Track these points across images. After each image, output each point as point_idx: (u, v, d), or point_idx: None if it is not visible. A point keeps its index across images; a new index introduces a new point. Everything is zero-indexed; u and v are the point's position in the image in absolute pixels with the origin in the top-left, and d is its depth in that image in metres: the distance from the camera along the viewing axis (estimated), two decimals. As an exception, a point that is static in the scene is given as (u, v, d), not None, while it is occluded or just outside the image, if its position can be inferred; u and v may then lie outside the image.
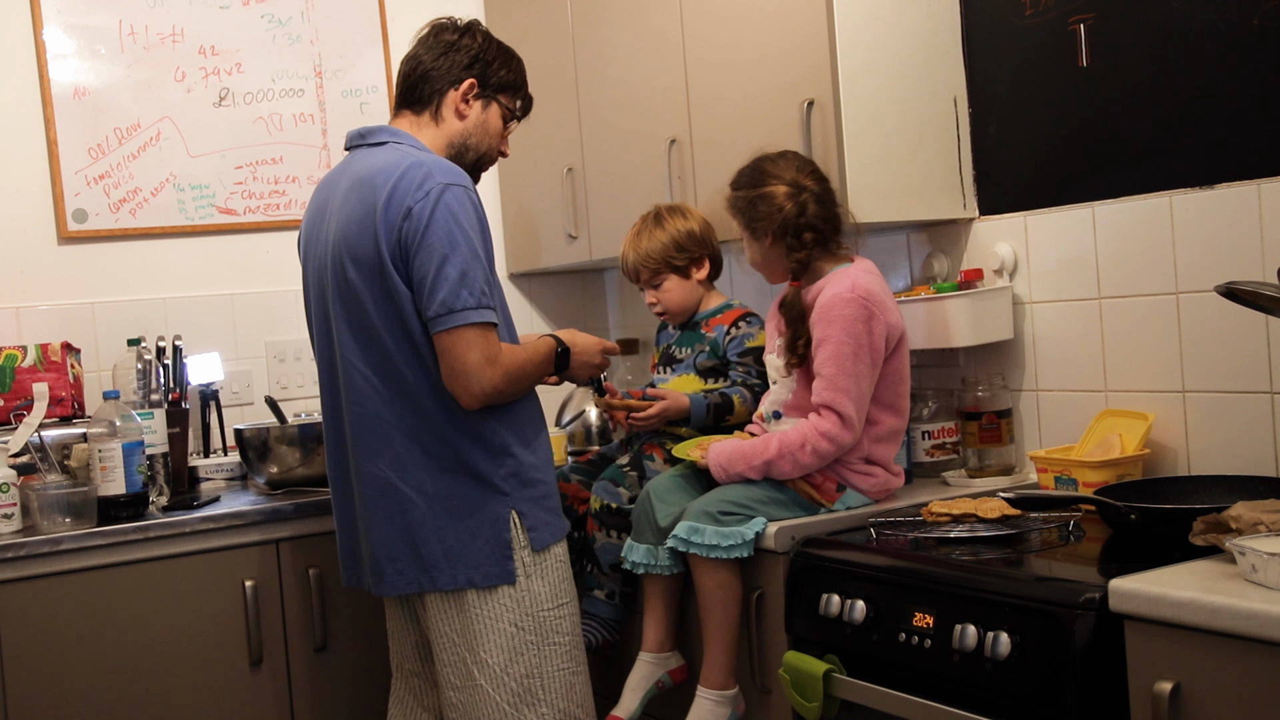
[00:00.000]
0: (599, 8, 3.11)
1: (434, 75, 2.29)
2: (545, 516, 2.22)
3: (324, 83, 3.52)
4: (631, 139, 3.02)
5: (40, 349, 2.97)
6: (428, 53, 2.30)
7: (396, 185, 2.09)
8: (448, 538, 2.15)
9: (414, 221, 2.07)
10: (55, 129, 3.20)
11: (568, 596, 2.25)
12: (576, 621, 2.27)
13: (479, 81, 2.30)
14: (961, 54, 2.59)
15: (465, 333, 2.07)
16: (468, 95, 2.29)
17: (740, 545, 2.19)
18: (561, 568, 2.25)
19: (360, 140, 2.29)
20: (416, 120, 2.31)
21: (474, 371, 2.07)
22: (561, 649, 2.22)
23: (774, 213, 2.32)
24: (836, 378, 2.22)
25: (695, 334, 2.68)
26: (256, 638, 2.66)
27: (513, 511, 2.17)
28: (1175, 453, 2.27)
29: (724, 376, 2.62)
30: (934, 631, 1.85)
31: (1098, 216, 2.38)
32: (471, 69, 2.30)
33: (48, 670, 2.49)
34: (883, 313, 2.26)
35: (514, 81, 2.37)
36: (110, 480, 2.59)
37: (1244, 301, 1.80)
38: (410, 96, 2.31)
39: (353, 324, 2.16)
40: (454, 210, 2.08)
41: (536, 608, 2.19)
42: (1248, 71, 2.11)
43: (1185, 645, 1.55)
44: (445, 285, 2.06)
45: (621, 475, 2.55)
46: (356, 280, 2.13)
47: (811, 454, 2.24)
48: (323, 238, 2.24)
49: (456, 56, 2.29)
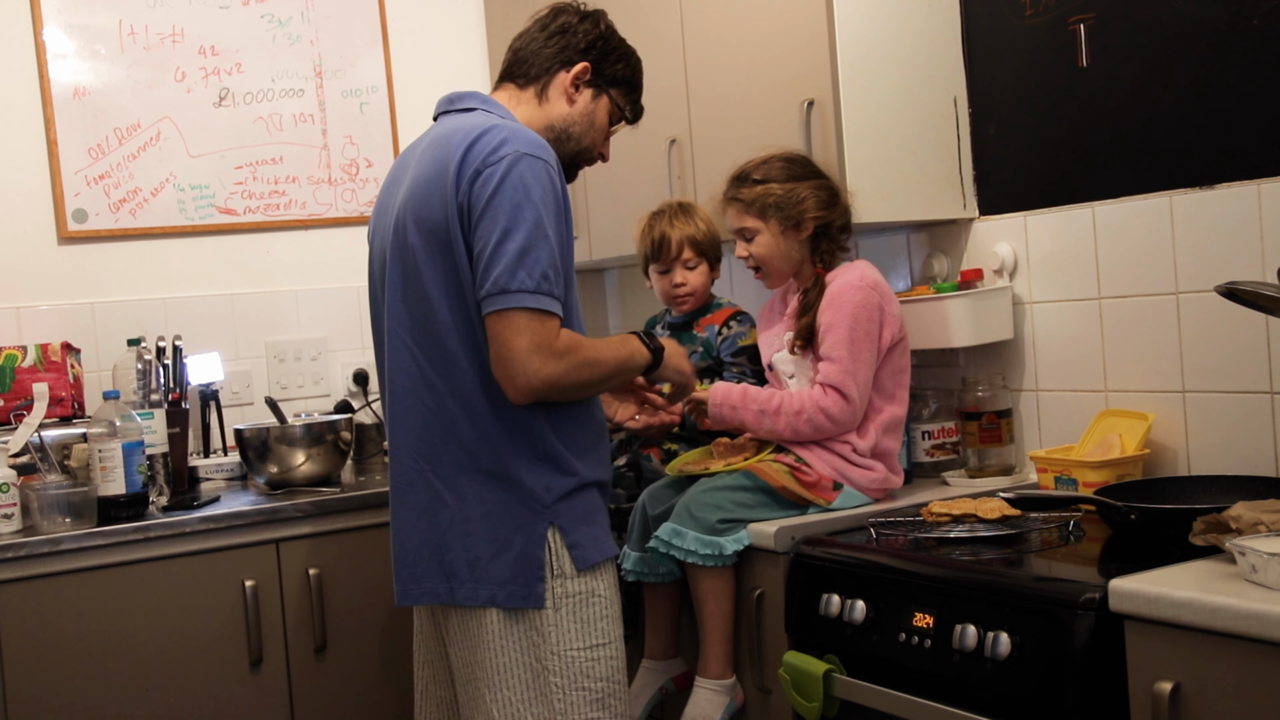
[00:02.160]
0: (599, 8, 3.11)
1: (546, 53, 2.10)
2: (592, 532, 1.96)
3: (324, 83, 3.52)
4: (631, 139, 3.01)
5: (40, 349, 2.98)
6: (542, 31, 2.12)
7: (472, 146, 1.89)
8: (475, 546, 1.91)
9: (482, 185, 1.85)
10: (55, 129, 3.20)
11: (607, 637, 1.96)
12: (618, 666, 1.98)
13: (594, 68, 2.11)
14: (961, 54, 2.59)
15: (516, 316, 1.82)
16: (579, 80, 2.10)
17: (717, 557, 2.20)
18: (602, 603, 1.95)
19: (449, 106, 2.09)
20: (519, 94, 2.11)
21: (520, 359, 1.81)
22: (591, 696, 1.93)
23: (817, 207, 2.34)
24: (844, 360, 2.26)
25: (687, 335, 2.68)
26: (256, 638, 2.66)
27: (551, 526, 1.92)
28: (1175, 453, 2.27)
29: (717, 377, 2.62)
30: (934, 631, 1.85)
31: (1098, 216, 2.38)
32: (588, 54, 2.10)
33: (48, 670, 2.49)
34: (888, 303, 2.32)
35: (630, 79, 2.17)
36: (110, 480, 2.58)
37: (1244, 301, 1.80)
38: (516, 70, 2.12)
39: (407, 294, 1.94)
40: (527, 181, 1.86)
41: (564, 645, 1.92)
42: (1248, 71, 2.11)
43: (1185, 645, 1.55)
44: (502, 261, 1.82)
45: (619, 477, 2.55)
46: (418, 245, 1.91)
47: (808, 423, 2.25)
48: (392, 206, 2.02)
49: (574, 39, 2.10)
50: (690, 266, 2.64)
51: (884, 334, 2.31)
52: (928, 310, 2.51)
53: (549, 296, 1.85)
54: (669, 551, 2.22)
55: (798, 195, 2.34)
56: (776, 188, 2.35)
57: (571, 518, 1.94)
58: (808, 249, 2.38)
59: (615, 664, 1.97)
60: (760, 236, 2.38)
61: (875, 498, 2.34)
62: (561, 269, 1.90)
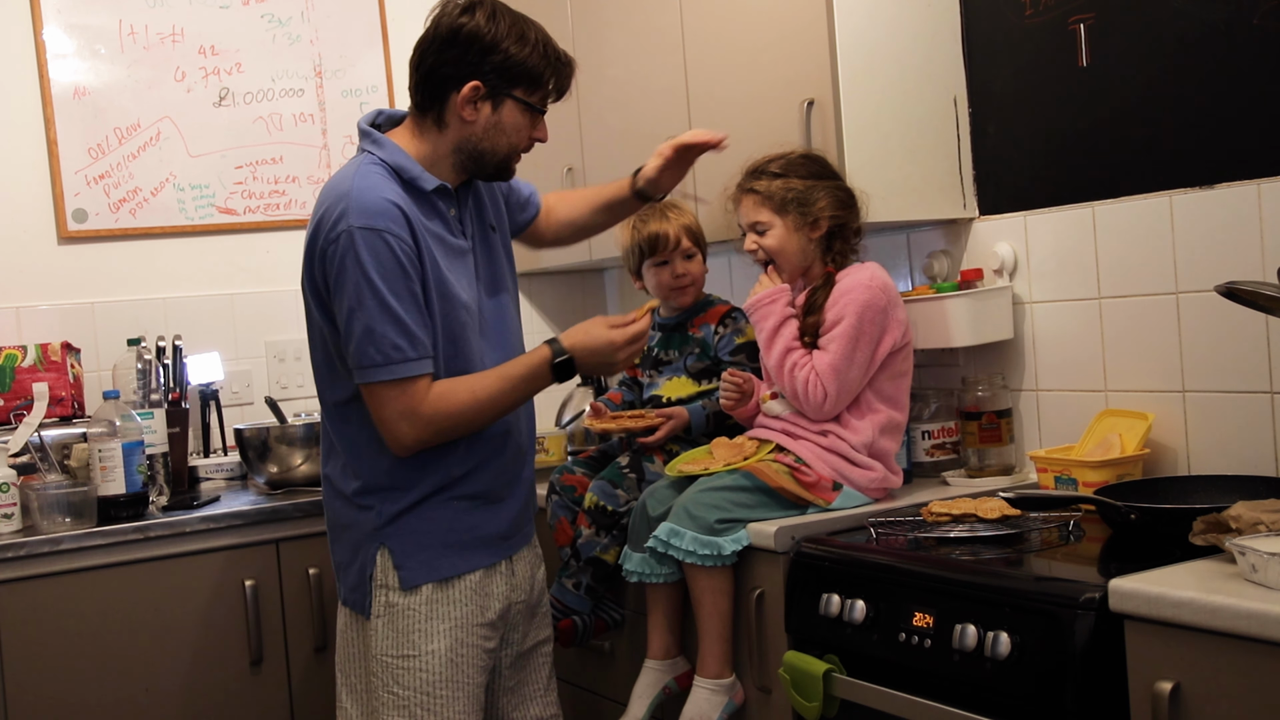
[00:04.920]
0: (599, 8, 3.11)
1: (434, 77, 2.02)
2: (423, 556, 2.05)
3: (324, 83, 3.52)
4: (631, 139, 3.02)
5: (40, 349, 2.98)
6: (430, 44, 2.03)
7: (321, 221, 1.97)
8: (339, 552, 2.13)
9: (327, 265, 1.96)
10: (55, 129, 3.20)
11: (417, 650, 2.04)
12: (429, 680, 2.04)
13: (484, 82, 2.01)
14: (961, 54, 2.59)
15: (376, 389, 1.96)
16: (472, 100, 2.02)
17: (715, 557, 2.20)
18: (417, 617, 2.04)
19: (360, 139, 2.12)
20: (419, 124, 2.07)
21: (390, 426, 1.97)
22: (397, 701, 2.04)
23: (834, 207, 2.35)
24: (837, 355, 2.27)
25: (681, 335, 2.69)
26: (256, 638, 2.66)
27: (382, 548, 2.05)
28: (1175, 453, 2.27)
29: (717, 377, 2.62)
30: (934, 631, 1.85)
31: (1098, 216, 2.38)
32: (477, 69, 2.00)
33: (48, 670, 2.49)
34: (895, 307, 2.33)
35: (529, 70, 2.03)
36: (110, 480, 2.59)
37: (1244, 301, 1.80)
38: (416, 95, 2.07)
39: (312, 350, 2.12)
40: (362, 260, 1.91)
41: (381, 650, 2.05)
42: (1248, 71, 2.11)
43: (1185, 645, 1.55)
44: (353, 340, 1.95)
45: (621, 477, 2.55)
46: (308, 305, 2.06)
47: (802, 383, 2.29)
48: None
49: (457, 51, 2.00)
50: (689, 256, 2.66)
51: (885, 339, 2.31)
52: (928, 310, 2.51)
53: (403, 363, 1.94)
54: (667, 551, 2.23)
55: (816, 194, 2.35)
56: (797, 183, 2.35)
57: (402, 539, 2.05)
58: (820, 249, 2.39)
59: (425, 677, 2.05)
60: (774, 231, 2.38)
61: (875, 498, 2.34)
62: (423, 323, 1.98)
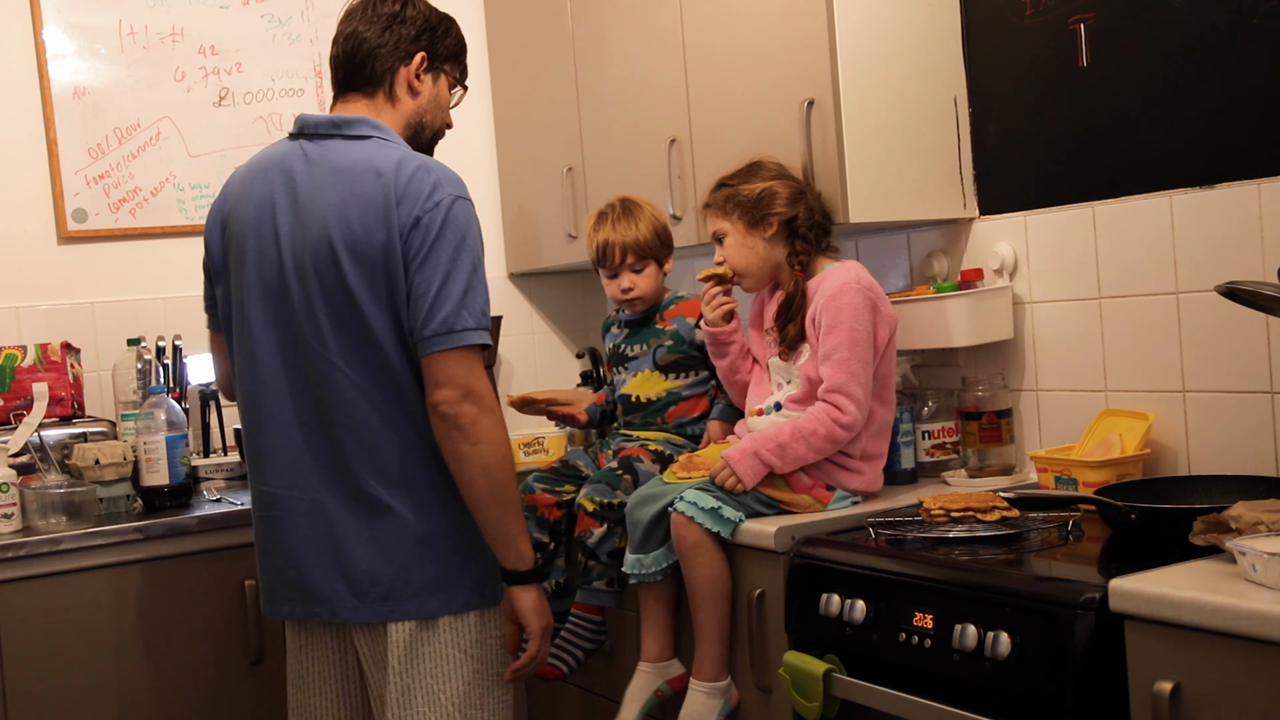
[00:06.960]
0: (599, 8, 3.11)
1: (382, 52, 2.10)
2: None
3: (324, 83, 3.51)
4: (631, 139, 3.02)
5: (40, 349, 2.97)
6: (369, 28, 2.11)
7: (406, 189, 1.96)
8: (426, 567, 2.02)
9: (422, 233, 1.94)
10: (55, 129, 3.20)
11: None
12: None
13: (429, 54, 2.14)
14: (961, 54, 2.59)
15: (467, 355, 1.95)
16: (419, 70, 2.13)
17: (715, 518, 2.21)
18: None
19: (334, 130, 2.06)
20: (371, 104, 2.11)
21: (482, 393, 1.95)
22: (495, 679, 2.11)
23: (782, 206, 2.37)
24: (848, 362, 2.26)
25: (649, 329, 2.71)
26: (256, 638, 2.66)
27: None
28: (1175, 453, 2.27)
29: (692, 371, 2.66)
30: (934, 631, 1.85)
31: (1098, 216, 2.38)
32: (419, 41, 2.12)
33: (48, 670, 2.49)
34: (882, 302, 2.34)
35: (457, 49, 2.22)
36: (154, 471, 2.71)
37: (1244, 301, 1.80)
38: (358, 77, 2.12)
39: (344, 326, 1.98)
40: (463, 227, 1.98)
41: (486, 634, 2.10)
42: (1248, 71, 2.11)
43: (1185, 645, 1.55)
44: (448, 303, 1.94)
45: (617, 479, 2.55)
46: (356, 280, 1.95)
47: (826, 439, 2.25)
48: (279, 229, 2.02)
49: (403, 29, 2.11)
50: (636, 270, 2.67)
51: (880, 333, 2.31)
52: (928, 310, 2.51)
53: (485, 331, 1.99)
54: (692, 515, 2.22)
55: (758, 190, 2.37)
56: (742, 186, 2.40)
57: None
58: (782, 251, 2.40)
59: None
60: (729, 238, 2.42)
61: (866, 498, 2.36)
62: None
